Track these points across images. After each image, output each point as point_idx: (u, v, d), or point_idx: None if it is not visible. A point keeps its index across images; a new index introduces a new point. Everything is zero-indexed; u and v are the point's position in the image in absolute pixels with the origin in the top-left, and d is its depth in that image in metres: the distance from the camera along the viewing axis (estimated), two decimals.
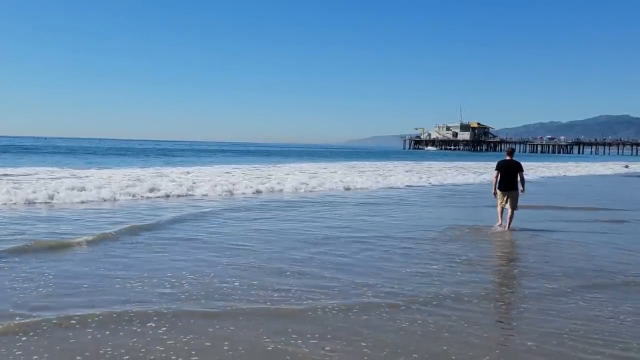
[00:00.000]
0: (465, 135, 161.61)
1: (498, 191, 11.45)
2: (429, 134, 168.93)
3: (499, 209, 11.52)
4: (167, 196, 16.41)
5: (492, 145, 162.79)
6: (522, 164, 11.75)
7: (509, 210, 11.27)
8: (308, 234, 10.26)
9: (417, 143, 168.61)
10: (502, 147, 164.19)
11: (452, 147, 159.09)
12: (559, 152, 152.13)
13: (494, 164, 11.94)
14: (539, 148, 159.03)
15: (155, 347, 4.47)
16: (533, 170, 39.35)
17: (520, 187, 11.46)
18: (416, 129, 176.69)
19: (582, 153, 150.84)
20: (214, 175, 24.13)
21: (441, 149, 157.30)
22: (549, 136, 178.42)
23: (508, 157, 11.67)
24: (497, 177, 11.48)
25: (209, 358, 4.32)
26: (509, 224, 11.18)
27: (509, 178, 11.40)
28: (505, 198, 11.37)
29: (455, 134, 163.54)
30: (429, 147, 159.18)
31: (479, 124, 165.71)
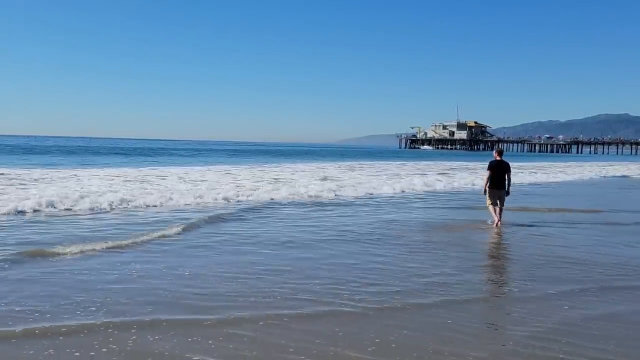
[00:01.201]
0: (462, 135, 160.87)
1: (490, 189, 11.91)
2: (426, 133, 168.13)
3: (491, 208, 11.95)
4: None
5: (489, 144, 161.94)
6: (523, 164, 11.57)
7: (499, 208, 11.88)
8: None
9: (414, 142, 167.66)
10: (500, 147, 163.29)
11: (449, 147, 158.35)
12: (557, 152, 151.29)
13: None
14: (537, 147, 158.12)
15: None
16: (572, 168, 38.09)
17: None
18: (412, 127, 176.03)
19: (581, 152, 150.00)
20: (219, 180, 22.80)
21: (438, 148, 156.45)
22: (547, 135, 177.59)
23: (498, 158, 12.23)
24: (489, 177, 11.98)
25: None
26: (500, 218, 11.75)
27: (501, 177, 12.00)
28: (496, 196, 11.88)
29: (452, 133, 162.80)
30: (426, 146, 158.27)
31: (476, 122, 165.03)
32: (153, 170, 28.39)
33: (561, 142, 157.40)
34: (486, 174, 12.11)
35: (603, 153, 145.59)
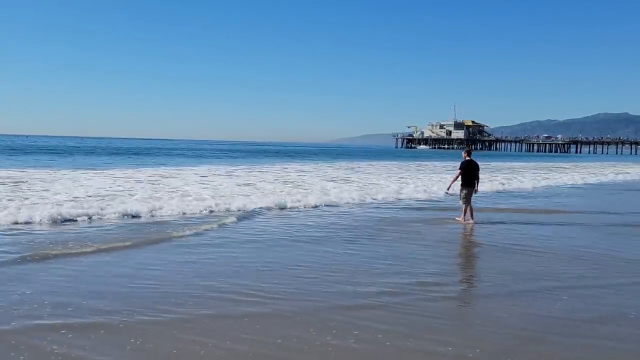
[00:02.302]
0: (459, 134, 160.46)
1: (463, 188, 12.58)
2: (422, 132, 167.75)
3: (465, 206, 12.52)
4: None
5: (487, 144, 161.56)
6: (524, 164, 11.63)
7: (469, 206, 12.54)
8: None
9: (410, 142, 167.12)
10: (498, 146, 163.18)
11: (446, 146, 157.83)
12: (555, 152, 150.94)
13: (493, 165, 12.43)
14: (535, 147, 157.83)
15: None
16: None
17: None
18: (409, 127, 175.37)
19: (580, 152, 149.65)
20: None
21: (434, 147, 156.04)
22: (546, 135, 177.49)
23: (468, 157, 12.86)
24: (459, 175, 12.74)
25: None
26: (472, 215, 12.49)
27: (472, 176, 12.70)
28: (465, 194, 12.53)
29: (449, 133, 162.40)
30: (422, 146, 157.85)
31: (473, 122, 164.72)
32: (151, 169, 27.89)
33: (560, 142, 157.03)
34: (457, 172, 12.86)
35: (602, 153, 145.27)
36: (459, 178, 12.74)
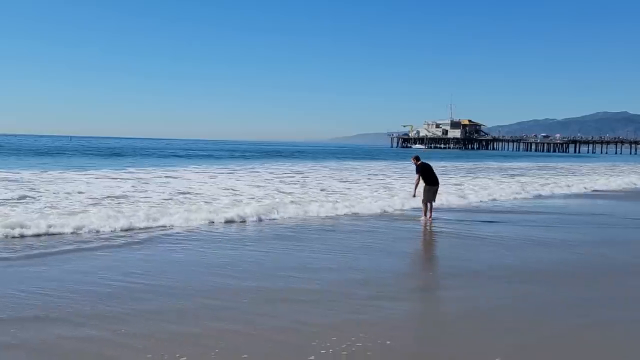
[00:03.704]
0: (455, 133, 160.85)
1: (428, 187, 13.62)
2: (418, 132, 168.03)
3: (424, 205, 13.54)
4: None
5: (484, 143, 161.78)
6: (523, 164, 12.36)
7: (432, 204, 13.68)
8: None
9: (406, 141, 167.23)
10: (495, 146, 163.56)
11: (442, 146, 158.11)
12: (554, 151, 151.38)
13: (489, 164, 12.84)
14: (533, 146, 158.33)
15: None
16: None
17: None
18: (404, 126, 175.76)
19: (579, 152, 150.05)
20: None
21: (430, 147, 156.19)
22: (544, 134, 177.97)
23: (418, 162, 14.05)
24: (419, 179, 13.82)
25: None
26: (431, 215, 13.54)
27: (433, 175, 13.84)
28: (432, 192, 13.62)
29: (445, 132, 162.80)
30: (417, 145, 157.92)
31: (470, 121, 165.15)
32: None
33: (558, 141, 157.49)
34: (416, 177, 13.90)
35: (602, 152, 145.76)
36: (421, 181, 13.82)
